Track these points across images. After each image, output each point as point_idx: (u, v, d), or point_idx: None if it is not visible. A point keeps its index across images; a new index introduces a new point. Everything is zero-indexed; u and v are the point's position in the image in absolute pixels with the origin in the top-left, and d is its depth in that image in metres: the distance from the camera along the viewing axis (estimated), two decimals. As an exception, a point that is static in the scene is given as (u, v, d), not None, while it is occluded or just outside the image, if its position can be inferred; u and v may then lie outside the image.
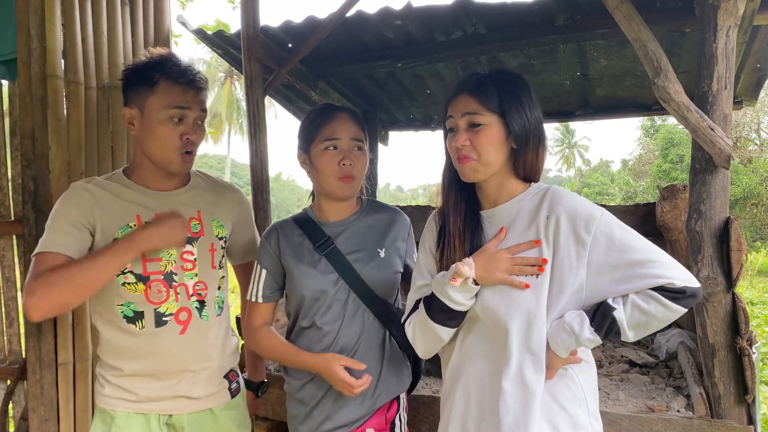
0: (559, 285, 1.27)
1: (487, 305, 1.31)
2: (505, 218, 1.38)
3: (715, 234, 1.87)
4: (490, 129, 1.32)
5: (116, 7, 2.25)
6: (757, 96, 3.65)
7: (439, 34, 2.95)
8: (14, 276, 2.27)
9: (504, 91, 1.33)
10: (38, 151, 1.98)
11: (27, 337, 2.02)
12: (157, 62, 1.56)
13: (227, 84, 35.14)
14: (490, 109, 1.32)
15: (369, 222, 1.72)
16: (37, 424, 2.01)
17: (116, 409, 1.60)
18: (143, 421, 1.60)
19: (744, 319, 1.84)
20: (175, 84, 1.53)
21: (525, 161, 1.36)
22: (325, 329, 1.61)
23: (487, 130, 1.32)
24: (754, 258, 13.46)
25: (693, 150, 1.94)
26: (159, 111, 1.53)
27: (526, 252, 1.31)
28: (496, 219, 1.39)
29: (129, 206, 1.59)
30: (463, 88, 1.36)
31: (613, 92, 3.75)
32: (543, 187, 1.38)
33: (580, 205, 1.31)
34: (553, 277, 1.28)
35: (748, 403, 1.89)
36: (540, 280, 1.28)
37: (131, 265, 1.55)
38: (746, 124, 19.01)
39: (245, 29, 2.59)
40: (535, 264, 1.28)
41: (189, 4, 5.90)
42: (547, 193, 1.35)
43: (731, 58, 1.83)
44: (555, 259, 1.28)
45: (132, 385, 1.59)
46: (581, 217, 1.28)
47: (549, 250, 1.29)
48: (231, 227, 1.80)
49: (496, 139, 1.32)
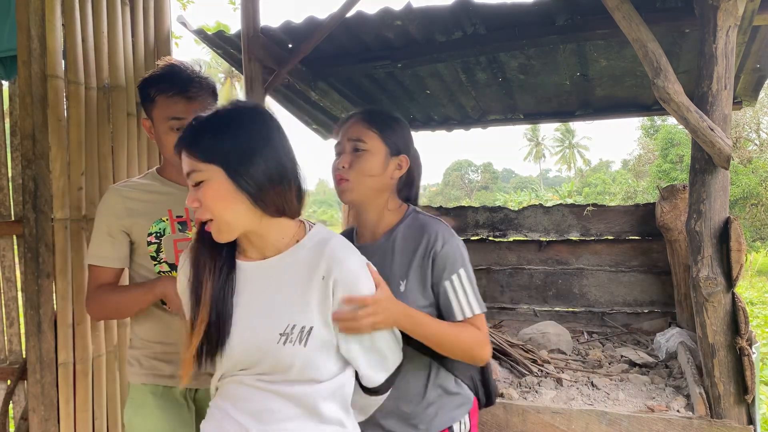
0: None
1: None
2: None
3: (715, 234, 1.87)
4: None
5: (116, 7, 2.25)
6: (756, 96, 3.65)
7: (439, 34, 2.95)
8: (14, 276, 2.27)
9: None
10: (38, 151, 1.98)
11: (27, 337, 2.03)
12: (154, 79, 1.70)
13: (227, 84, 35.12)
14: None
15: (399, 244, 1.46)
16: (37, 424, 2.02)
17: (147, 382, 1.73)
18: (171, 394, 1.73)
19: (744, 319, 1.84)
20: (168, 97, 1.66)
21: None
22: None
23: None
24: (753, 258, 13.45)
25: (693, 150, 1.94)
26: (161, 123, 1.68)
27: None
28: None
29: (160, 202, 1.74)
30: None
31: (613, 92, 3.75)
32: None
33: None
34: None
35: (747, 403, 1.89)
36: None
37: (165, 256, 1.71)
38: (746, 124, 19.00)
39: (245, 29, 2.59)
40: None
41: (190, 6, 5.90)
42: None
43: (731, 58, 1.83)
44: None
45: (162, 362, 1.72)
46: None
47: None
48: None
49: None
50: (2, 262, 2.24)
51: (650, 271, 3.75)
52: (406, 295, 1.40)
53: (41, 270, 1.98)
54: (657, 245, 3.70)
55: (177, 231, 1.73)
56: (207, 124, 1.16)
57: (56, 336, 2.02)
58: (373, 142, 1.48)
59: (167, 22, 2.55)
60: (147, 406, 1.71)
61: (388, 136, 1.50)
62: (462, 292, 1.39)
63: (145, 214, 1.71)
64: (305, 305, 1.18)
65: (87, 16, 2.12)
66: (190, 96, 1.67)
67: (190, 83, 1.68)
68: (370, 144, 1.48)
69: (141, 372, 1.73)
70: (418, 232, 1.44)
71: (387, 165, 1.49)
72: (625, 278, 3.82)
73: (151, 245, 1.70)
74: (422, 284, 1.41)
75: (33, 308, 1.99)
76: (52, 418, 2.03)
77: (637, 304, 3.79)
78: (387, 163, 1.49)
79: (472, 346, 1.39)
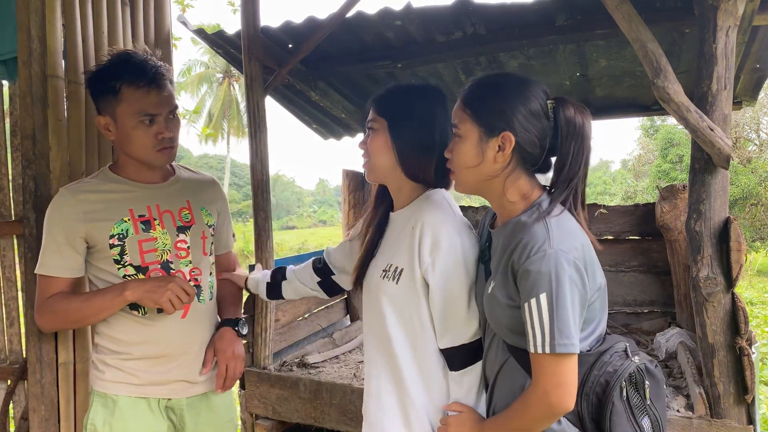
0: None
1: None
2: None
3: (715, 234, 1.87)
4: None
5: (116, 7, 2.25)
6: (756, 96, 3.65)
7: (439, 34, 2.95)
8: (15, 276, 2.27)
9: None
10: (39, 151, 1.98)
11: (27, 337, 2.03)
12: (114, 68, 1.58)
13: (225, 84, 35.07)
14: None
15: (503, 241, 1.36)
16: (38, 423, 2.02)
17: (119, 393, 1.63)
18: (145, 405, 1.65)
19: (743, 319, 1.84)
20: (137, 89, 1.55)
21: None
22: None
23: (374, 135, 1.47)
24: (753, 258, 13.45)
25: (692, 150, 1.94)
26: (129, 118, 1.57)
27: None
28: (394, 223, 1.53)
29: (120, 202, 1.64)
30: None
31: (612, 92, 3.75)
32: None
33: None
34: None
35: (747, 403, 1.89)
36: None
37: (130, 258, 1.61)
38: (746, 124, 18.99)
39: (245, 29, 2.59)
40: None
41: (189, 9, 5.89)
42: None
43: (731, 58, 1.83)
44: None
45: (134, 370, 1.63)
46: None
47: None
48: (217, 216, 1.89)
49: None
50: (2, 262, 2.24)
51: (650, 271, 3.75)
52: (494, 295, 1.26)
53: (41, 270, 1.98)
54: (657, 245, 3.70)
55: (141, 231, 1.63)
56: (396, 89, 1.50)
57: (56, 336, 2.02)
58: (466, 126, 1.27)
59: (167, 22, 2.55)
60: (120, 417, 1.61)
61: (482, 112, 1.24)
62: (538, 322, 1.13)
63: (104, 215, 1.61)
64: (399, 249, 1.43)
65: (87, 16, 2.12)
66: (161, 86, 1.58)
67: (157, 72, 1.58)
68: (463, 128, 1.28)
69: (112, 379, 1.64)
70: (516, 233, 1.21)
71: (483, 151, 1.25)
72: (625, 278, 3.82)
73: (114, 248, 1.60)
74: (506, 291, 1.23)
75: (33, 308, 1.99)
76: (52, 418, 2.03)
77: (636, 304, 3.79)
78: (483, 149, 1.25)
79: (536, 417, 1.16)
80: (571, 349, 1.12)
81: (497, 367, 1.32)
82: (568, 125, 1.21)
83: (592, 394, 1.19)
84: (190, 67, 34.35)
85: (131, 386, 1.64)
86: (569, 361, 1.14)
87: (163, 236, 1.67)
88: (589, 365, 1.20)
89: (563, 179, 1.23)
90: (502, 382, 1.31)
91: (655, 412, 1.22)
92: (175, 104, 1.67)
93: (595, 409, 1.19)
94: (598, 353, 1.21)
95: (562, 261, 1.12)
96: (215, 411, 1.77)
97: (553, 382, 1.13)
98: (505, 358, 1.29)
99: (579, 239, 1.21)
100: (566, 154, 1.22)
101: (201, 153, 45.19)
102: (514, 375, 1.26)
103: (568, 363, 1.14)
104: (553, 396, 1.13)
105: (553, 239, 1.14)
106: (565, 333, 1.11)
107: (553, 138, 1.23)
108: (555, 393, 1.13)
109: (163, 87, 1.59)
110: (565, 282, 1.11)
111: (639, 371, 1.21)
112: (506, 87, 1.24)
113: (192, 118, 14.71)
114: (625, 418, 1.18)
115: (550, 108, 1.23)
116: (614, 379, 1.18)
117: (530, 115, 1.21)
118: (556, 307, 1.10)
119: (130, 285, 1.55)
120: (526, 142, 1.22)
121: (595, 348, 1.22)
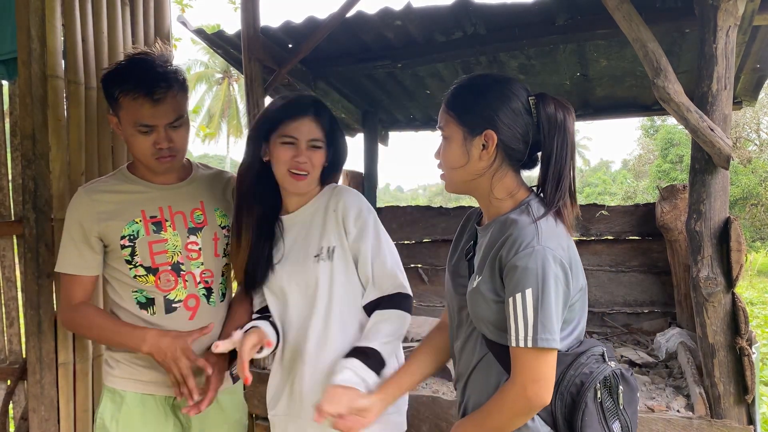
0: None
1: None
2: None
3: (715, 234, 1.87)
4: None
5: (116, 7, 2.24)
6: (756, 96, 3.65)
7: (439, 34, 2.95)
8: (14, 276, 2.27)
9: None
10: (38, 151, 1.98)
11: (27, 337, 2.02)
12: (118, 76, 1.56)
13: (224, 85, 35.08)
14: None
15: (489, 237, 1.35)
16: (37, 424, 2.01)
17: (126, 389, 1.66)
18: (152, 402, 1.67)
19: (744, 319, 1.84)
20: (134, 100, 1.53)
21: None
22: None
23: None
24: (753, 258, 13.45)
25: (692, 150, 1.94)
26: (128, 125, 1.57)
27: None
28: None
29: (133, 203, 1.65)
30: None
31: (613, 92, 3.75)
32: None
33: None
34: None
35: (747, 403, 1.89)
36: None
37: (141, 259, 1.63)
38: (746, 124, 18.99)
39: (245, 29, 2.59)
40: None
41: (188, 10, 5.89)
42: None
43: (731, 58, 1.83)
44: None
45: (142, 367, 1.65)
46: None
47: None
48: (231, 217, 1.83)
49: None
50: (2, 262, 2.24)
51: (650, 271, 3.75)
52: (479, 290, 1.24)
53: (41, 270, 1.98)
54: (657, 245, 3.70)
55: (151, 232, 1.63)
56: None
57: (56, 336, 2.02)
58: (450, 127, 1.28)
59: (167, 22, 2.55)
60: (127, 413, 1.64)
61: (464, 113, 1.26)
62: (522, 316, 1.13)
63: (116, 216, 1.62)
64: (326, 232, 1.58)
65: (87, 16, 2.12)
66: (157, 98, 1.53)
67: (156, 84, 1.53)
68: (448, 130, 1.28)
69: (121, 376, 1.66)
70: (504, 229, 1.21)
71: (469, 150, 1.26)
72: (625, 278, 3.82)
73: (125, 248, 1.61)
74: (492, 285, 1.23)
75: (33, 308, 1.99)
76: (52, 418, 2.03)
77: (637, 304, 3.79)
78: (468, 148, 1.26)
79: (514, 411, 1.17)
80: (553, 344, 1.14)
81: (473, 363, 1.32)
82: (550, 120, 1.23)
83: (567, 393, 1.20)
84: (189, 67, 34.33)
85: (139, 383, 1.66)
86: (549, 356, 1.16)
87: (173, 238, 1.66)
88: (566, 365, 1.21)
89: (552, 177, 1.24)
90: (477, 377, 1.32)
91: (626, 417, 1.24)
92: (180, 113, 1.62)
93: (568, 409, 1.21)
94: (575, 354, 1.23)
95: (550, 258, 1.14)
96: (223, 410, 1.76)
97: (532, 376, 1.15)
98: (483, 354, 1.29)
99: (565, 240, 1.23)
100: (550, 149, 1.23)
101: (201, 153, 45.18)
102: (491, 371, 1.27)
103: (547, 358, 1.15)
104: (530, 390, 1.15)
105: (542, 237, 1.16)
106: (548, 328, 1.13)
107: (536, 134, 1.25)
108: (532, 387, 1.15)
109: (161, 99, 1.54)
110: (550, 279, 1.13)
111: (614, 376, 1.22)
112: (486, 87, 1.27)
113: (190, 118, 14.63)
114: (597, 420, 1.19)
115: (531, 105, 1.25)
116: (589, 381, 1.19)
117: (511, 112, 1.23)
118: (541, 303, 1.12)
119: (150, 336, 1.55)
120: (508, 138, 1.24)
121: (573, 349, 1.24)
